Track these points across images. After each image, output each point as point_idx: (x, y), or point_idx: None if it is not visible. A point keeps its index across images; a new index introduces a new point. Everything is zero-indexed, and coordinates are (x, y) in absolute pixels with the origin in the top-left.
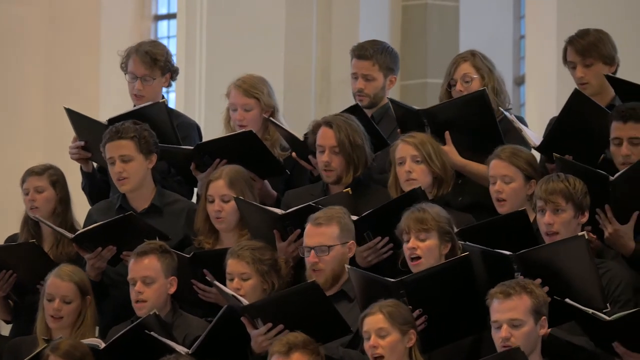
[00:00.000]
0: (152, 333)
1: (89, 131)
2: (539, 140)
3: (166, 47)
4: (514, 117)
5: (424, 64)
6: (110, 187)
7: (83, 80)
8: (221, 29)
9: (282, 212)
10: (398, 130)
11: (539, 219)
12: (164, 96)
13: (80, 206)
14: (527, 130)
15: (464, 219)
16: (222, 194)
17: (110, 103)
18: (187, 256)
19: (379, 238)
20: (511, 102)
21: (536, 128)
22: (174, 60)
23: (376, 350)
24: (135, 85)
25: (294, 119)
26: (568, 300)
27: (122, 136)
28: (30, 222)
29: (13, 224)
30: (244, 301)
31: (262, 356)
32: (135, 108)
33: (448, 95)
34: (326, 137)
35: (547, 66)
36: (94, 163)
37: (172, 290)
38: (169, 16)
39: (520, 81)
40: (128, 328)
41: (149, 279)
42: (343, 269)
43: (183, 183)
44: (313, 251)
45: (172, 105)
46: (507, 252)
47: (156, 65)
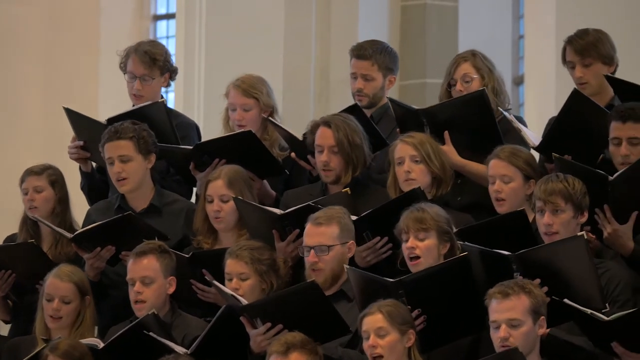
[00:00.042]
0: (151, 333)
1: (88, 131)
2: (538, 140)
3: (165, 47)
4: (513, 117)
5: (423, 64)
6: (109, 187)
7: (82, 80)
8: (220, 29)
9: (281, 212)
10: (397, 130)
11: (538, 219)
12: (163, 96)
13: (79, 206)
14: (526, 130)
15: (463, 219)
16: (221, 194)
17: (109, 103)
18: (186, 256)
19: (378, 238)
20: (511, 103)
21: (535, 128)
22: (173, 60)
23: (375, 350)
24: (134, 85)
25: (293, 119)
26: (567, 300)
27: (121, 136)
28: (29, 222)
29: (12, 224)
30: (243, 301)
31: (261, 356)
32: (134, 108)
33: (448, 95)
34: (325, 137)
35: (546, 66)
36: (93, 163)
37: (171, 290)
38: (168, 16)
39: (519, 81)
40: (127, 328)
41: (148, 279)
42: (342, 269)
43: (182, 183)
44: (313, 251)
45: (171, 105)
46: (506, 252)
47: (155, 65)
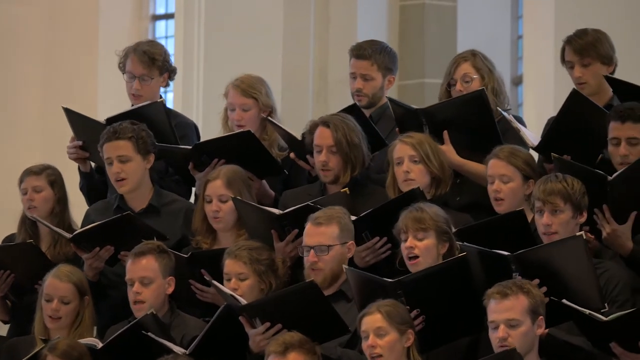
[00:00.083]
0: (149, 334)
1: (87, 131)
2: (537, 140)
3: (164, 47)
4: (512, 117)
5: (422, 64)
6: (108, 187)
7: (81, 80)
8: (219, 29)
9: (280, 212)
10: (396, 129)
11: (537, 220)
12: (162, 96)
13: (77, 206)
14: (525, 130)
15: (462, 219)
16: (220, 194)
17: (108, 103)
18: (185, 256)
19: (377, 238)
20: (510, 103)
21: (534, 128)
22: (172, 60)
23: (374, 349)
24: (133, 84)
25: (292, 119)
26: (565, 301)
27: (120, 137)
28: (27, 222)
29: (11, 224)
30: (243, 301)
31: (260, 356)
32: (133, 107)
33: (447, 94)
34: (323, 137)
35: (545, 66)
36: (92, 163)
37: (170, 290)
38: (167, 16)
39: (518, 81)
40: (125, 328)
41: (147, 280)
42: (342, 269)
43: (181, 182)
44: (312, 250)
45: (170, 105)
46: (505, 253)
47: (154, 64)
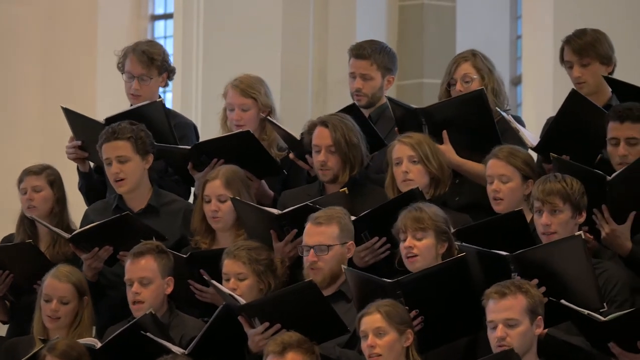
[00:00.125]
0: (148, 334)
1: (86, 130)
2: (536, 140)
3: (163, 47)
4: (511, 118)
5: (421, 64)
6: (107, 188)
7: (80, 79)
8: (218, 29)
9: (279, 212)
10: (395, 129)
11: (536, 220)
12: (161, 96)
13: (76, 206)
14: (524, 130)
15: (461, 219)
16: (219, 194)
17: (107, 102)
18: (184, 256)
19: (377, 238)
20: (509, 104)
21: (533, 128)
22: (171, 60)
23: (374, 349)
24: (132, 84)
25: (291, 119)
26: (563, 301)
27: (119, 137)
28: (26, 222)
29: (10, 224)
30: (242, 300)
31: (259, 356)
32: (132, 107)
33: (447, 94)
34: (322, 137)
35: (544, 66)
36: (91, 163)
37: (169, 290)
38: (166, 16)
39: (517, 81)
40: (124, 328)
41: (146, 280)
42: (341, 269)
43: (180, 182)
44: (312, 250)
45: (169, 105)
46: (504, 253)
47: (153, 64)
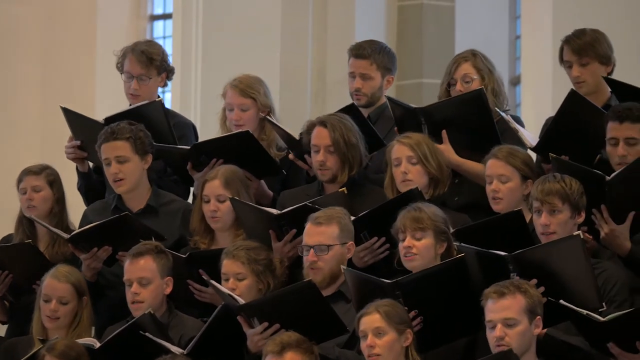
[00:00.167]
0: (147, 334)
1: (86, 130)
2: (535, 140)
3: (162, 47)
4: (510, 118)
5: (420, 64)
6: (106, 188)
7: (80, 79)
8: (217, 29)
9: (278, 212)
10: (395, 129)
11: (535, 220)
12: (160, 96)
13: (75, 207)
14: (524, 131)
15: (460, 219)
16: (218, 194)
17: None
18: (183, 256)
19: (376, 238)
20: (509, 104)
21: (532, 128)
22: (170, 60)
23: (373, 349)
24: (131, 84)
25: (290, 119)
26: (562, 301)
27: (118, 137)
28: (25, 222)
29: (9, 224)
30: (241, 300)
31: (258, 356)
32: (132, 107)
33: (447, 94)
34: (321, 137)
35: (543, 66)
36: (90, 163)
37: (168, 290)
38: (165, 16)
39: (516, 81)
40: (123, 327)
41: (145, 280)
42: (341, 270)
43: (179, 182)
44: (312, 250)
45: (168, 105)
46: (502, 253)
47: (152, 64)
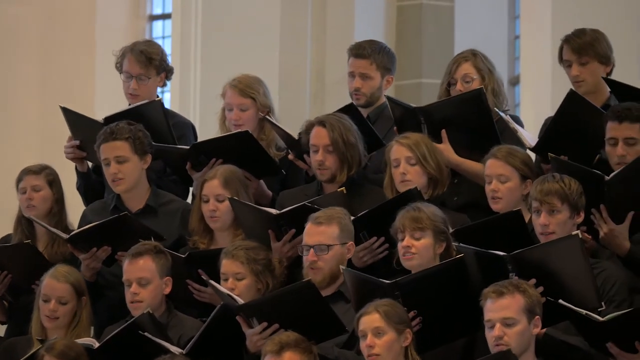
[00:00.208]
0: (146, 334)
1: (85, 130)
2: (534, 140)
3: (161, 47)
4: (509, 118)
5: (419, 64)
6: (105, 188)
7: (79, 79)
8: (216, 29)
9: (277, 212)
10: (394, 129)
11: (535, 220)
12: (159, 96)
13: (74, 207)
14: (523, 131)
15: (459, 219)
16: (217, 194)
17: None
18: (182, 256)
19: (375, 238)
20: (508, 104)
21: (531, 128)
22: (169, 60)
23: (372, 349)
24: (130, 84)
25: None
26: (561, 301)
27: (117, 137)
28: (24, 222)
29: (8, 224)
30: (240, 300)
31: (257, 355)
32: (131, 106)
33: (447, 94)
34: (320, 137)
35: (543, 66)
36: (89, 163)
37: (167, 290)
38: (164, 16)
39: (515, 81)
40: (122, 327)
41: (145, 280)
42: (340, 270)
43: (178, 182)
44: (312, 249)
45: (167, 105)
46: (501, 253)
47: (151, 64)
